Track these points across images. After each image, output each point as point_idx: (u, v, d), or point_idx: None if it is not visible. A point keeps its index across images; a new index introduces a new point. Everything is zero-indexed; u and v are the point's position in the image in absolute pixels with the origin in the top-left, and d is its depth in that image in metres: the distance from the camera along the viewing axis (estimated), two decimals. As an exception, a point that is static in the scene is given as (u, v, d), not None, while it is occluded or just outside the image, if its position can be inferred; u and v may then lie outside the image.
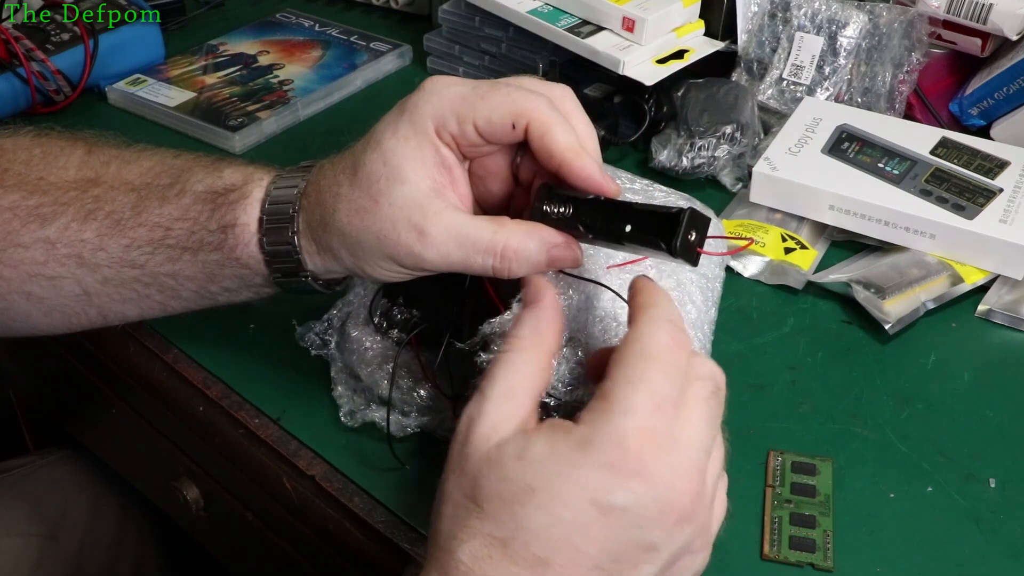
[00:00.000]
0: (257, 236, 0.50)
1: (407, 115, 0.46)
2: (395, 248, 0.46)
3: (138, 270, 0.53)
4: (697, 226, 0.42)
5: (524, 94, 0.45)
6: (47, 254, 0.53)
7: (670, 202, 0.59)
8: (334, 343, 0.56)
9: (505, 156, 0.48)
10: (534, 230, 0.45)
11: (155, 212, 0.52)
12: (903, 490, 0.53)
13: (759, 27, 0.81)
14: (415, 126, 0.45)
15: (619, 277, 0.52)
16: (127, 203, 0.53)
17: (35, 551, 0.81)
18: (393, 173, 0.45)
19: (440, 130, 0.45)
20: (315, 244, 0.49)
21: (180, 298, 0.54)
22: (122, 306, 0.55)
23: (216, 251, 0.51)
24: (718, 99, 0.76)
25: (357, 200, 0.46)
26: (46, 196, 0.54)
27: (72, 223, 0.53)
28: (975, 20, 0.75)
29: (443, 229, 0.45)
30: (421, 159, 0.45)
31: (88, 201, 0.53)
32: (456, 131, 0.45)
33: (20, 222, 0.53)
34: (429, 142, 0.45)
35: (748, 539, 0.50)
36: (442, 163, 0.46)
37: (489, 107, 0.45)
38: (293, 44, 0.97)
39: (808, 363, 0.61)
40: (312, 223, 0.49)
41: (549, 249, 0.45)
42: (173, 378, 0.62)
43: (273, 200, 0.50)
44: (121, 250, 0.53)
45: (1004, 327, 0.64)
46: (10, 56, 0.82)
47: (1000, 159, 0.70)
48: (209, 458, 0.64)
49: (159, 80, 0.90)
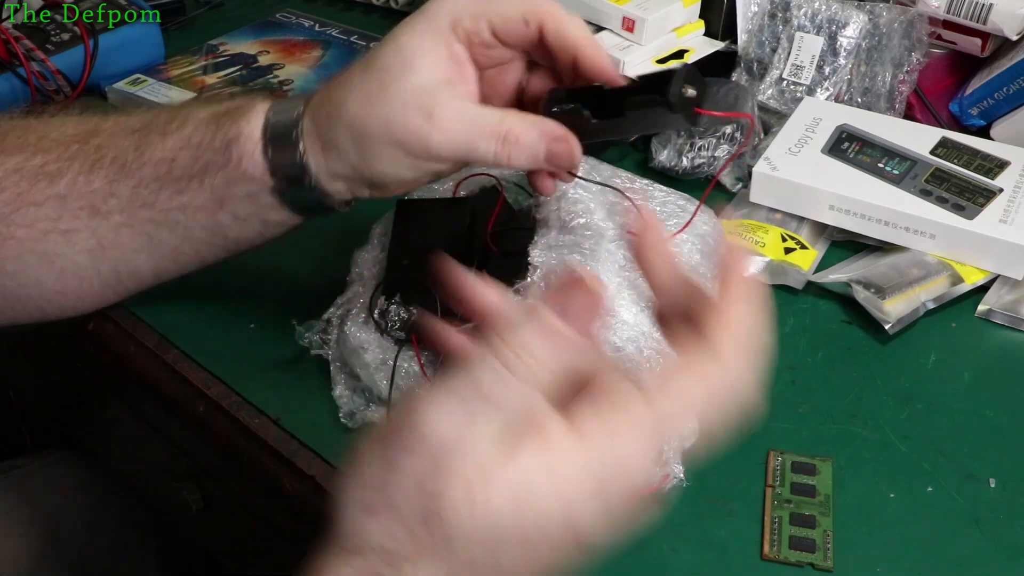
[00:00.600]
0: (261, 144, 0.51)
1: (424, 12, 0.48)
2: (403, 131, 0.47)
3: (148, 209, 0.53)
4: (695, 82, 0.42)
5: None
6: (60, 209, 0.54)
7: (670, 201, 0.59)
8: (334, 342, 0.56)
9: (513, 74, 0.51)
10: (538, 121, 0.47)
11: (158, 148, 0.53)
12: (903, 490, 0.53)
13: (759, 27, 0.81)
14: (431, 21, 0.48)
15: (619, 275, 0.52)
16: (129, 146, 0.54)
17: (35, 551, 0.81)
18: (406, 62, 0.47)
19: (455, 26, 0.47)
20: (319, 141, 0.50)
21: (192, 239, 0.54)
22: (135, 257, 0.55)
23: (221, 170, 0.51)
24: (718, 99, 0.76)
25: (367, 88, 0.48)
26: (49, 154, 0.54)
27: (80, 176, 0.54)
28: (975, 20, 0.75)
29: (452, 111, 0.46)
30: (435, 51, 0.47)
31: (91, 151, 0.54)
32: (471, 27, 0.47)
33: (28, 182, 0.54)
34: (443, 37, 0.48)
35: (748, 539, 0.50)
36: (454, 58, 0.48)
37: (504, 4, 0.47)
38: (293, 44, 0.97)
39: (808, 363, 0.61)
40: (318, 121, 0.50)
41: (549, 141, 0.47)
42: (173, 378, 0.61)
43: (277, 110, 0.51)
44: (130, 192, 0.53)
45: (1004, 327, 0.64)
46: (10, 56, 0.82)
47: (1000, 159, 0.70)
48: (209, 458, 0.64)
49: (159, 80, 0.90)
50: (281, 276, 0.66)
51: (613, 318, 0.50)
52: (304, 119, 0.50)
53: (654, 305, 0.41)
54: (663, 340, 0.40)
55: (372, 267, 0.58)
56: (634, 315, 0.51)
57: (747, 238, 0.68)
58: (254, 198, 0.52)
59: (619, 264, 0.53)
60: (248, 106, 0.52)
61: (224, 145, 0.51)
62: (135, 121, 0.55)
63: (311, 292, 0.64)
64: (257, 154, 0.51)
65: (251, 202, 0.52)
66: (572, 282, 0.37)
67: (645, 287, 0.44)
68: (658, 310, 0.41)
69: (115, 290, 0.58)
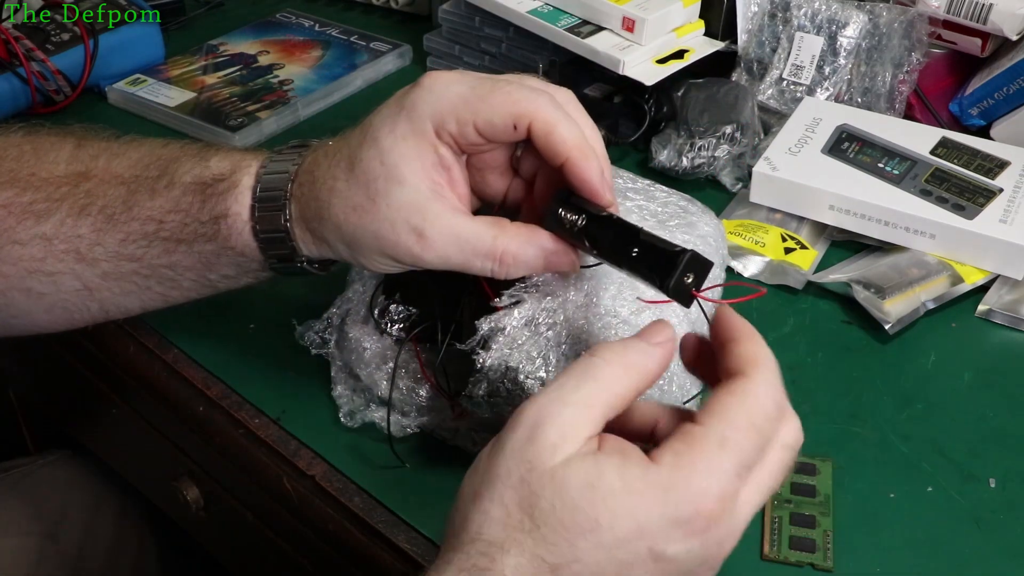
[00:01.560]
0: (250, 224, 0.50)
1: (405, 113, 0.45)
2: (394, 249, 0.45)
3: (136, 263, 0.53)
4: (696, 269, 0.42)
5: (526, 93, 0.44)
6: (45, 250, 0.53)
7: (671, 202, 0.59)
8: (333, 342, 0.56)
9: (504, 151, 0.48)
10: (534, 236, 0.45)
11: (146, 205, 0.52)
12: (903, 490, 0.53)
13: (759, 27, 0.81)
14: (413, 125, 0.45)
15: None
16: (118, 197, 0.53)
17: (35, 551, 0.81)
18: (391, 173, 0.45)
19: (439, 130, 0.45)
20: (310, 234, 0.49)
21: (180, 288, 0.54)
22: (123, 299, 0.55)
23: (211, 241, 0.51)
24: (718, 99, 0.76)
25: (353, 198, 0.46)
26: (39, 192, 0.54)
27: (67, 219, 0.53)
28: (975, 20, 0.75)
29: (443, 232, 0.45)
30: (420, 159, 0.45)
31: (80, 196, 0.53)
32: (455, 132, 0.45)
33: (15, 219, 0.53)
34: (428, 142, 0.45)
35: (748, 539, 0.50)
36: (441, 163, 0.45)
37: (490, 108, 0.44)
38: (293, 44, 0.97)
39: (808, 363, 0.61)
40: (306, 215, 0.48)
41: (547, 256, 0.46)
42: (173, 378, 0.62)
43: (264, 187, 0.50)
44: (117, 244, 0.52)
45: (1004, 327, 0.64)
46: (10, 56, 0.82)
47: (1000, 159, 0.70)
48: (209, 458, 0.64)
49: (159, 80, 0.90)
50: (281, 276, 0.66)
51: (614, 318, 0.50)
52: (291, 205, 0.49)
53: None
54: None
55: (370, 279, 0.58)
56: (635, 315, 0.51)
57: (747, 238, 0.68)
58: (244, 266, 0.52)
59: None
60: (234, 179, 0.50)
61: (212, 219, 0.50)
62: (125, 169, 0.54)
63: (311, 292, 0.64)
64: (247, 234, 0.50)
65: (241, 268, 0.52)
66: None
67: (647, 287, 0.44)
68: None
69: (106, 319, 0.58)
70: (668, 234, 0.55)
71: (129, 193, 0.53)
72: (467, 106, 0.44)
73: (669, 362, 0.41)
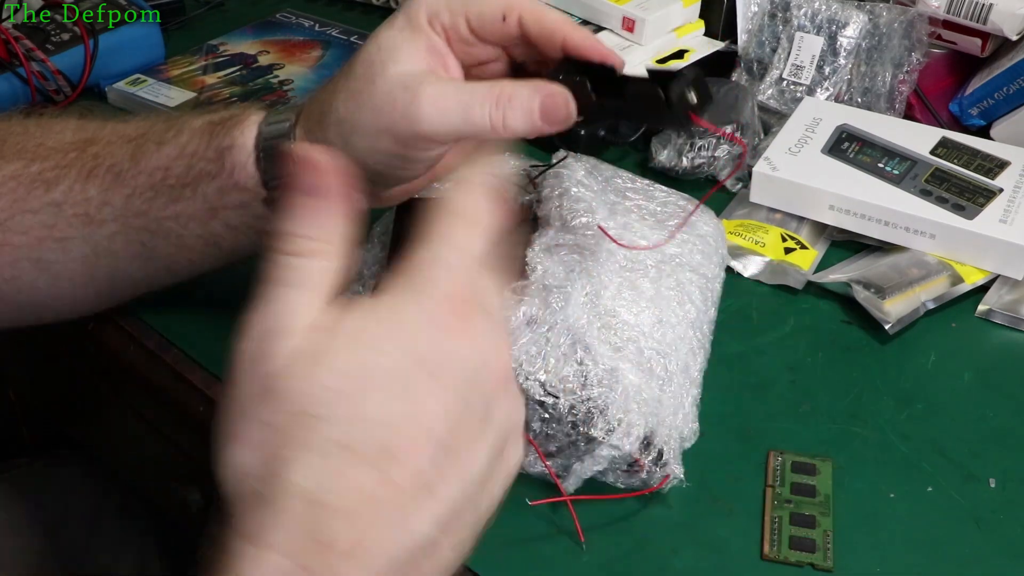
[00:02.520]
0: (254, 155, 0.51)
1: (402, 9, 0.49)
2: (391, 115, 0.47)
3: (142, 218, 0.53)
4: (700, 90, 0.43)
5: None
6: (56, 216, 0.54)
7: (671, 201, 0.59)
8: None
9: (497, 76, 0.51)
10: (530, 81, 0.47)
11: (153, 156, 0.53)
12: (903, 490, 0.53)
13: (759, 27, 0.81)
14: (409, 17, 0.49)
15: (620, 275, 0.52)
16: (125, 154, 0.54)
17: (35, 551, 0.81)
18: (387, 56, 0.48)
19: (432, 21, 0.48)
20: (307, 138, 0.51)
21: (186, 247, 0.54)
22: (129, 266, 0.55)
23: (215, 179, 0.52)
24: (718, 99, 0.76)
25: (353, 86, 0.48)
26: (47, 161, 0.54)
27: (76, 184, 0.54)
28: (975, 20, 0.75)
29: (439, 87, 0.47)
30: (414, 43, 0.48)
31: (88, 160, 0.54)
32: (448, 22, 0.48)
33: (25, 189, 0.54)
34: (422, 31, 0.48)
35: (748, 539, 0.50)
36: (435, 50, 0.49)
37: (480, 1, 0.48)
38: (293, 44, 0.97)
39: (808, 363, 0.61)
40: (310, 127, 0.50)
41: (543, 96, 0.46)
42: (173, 378, 0.61)
43: (270, 121, 0.52)
44: (124, 200, 0.53)
45: (1004, 327, 0.64)
46: (10, 56, 0.82)
47: (1000, 159, 0.70)
48: (209, 458, 0.64)
49: (159, 80, 0.90)
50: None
51: (613, 318, 0.50)
52: (296, 128, 0.51)
53: None
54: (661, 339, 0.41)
55: (373, 266, 0.58)
56: (635, 315, 0.51)
57: (747, 238, 0.69)
58: (247, 208, 0.52)
59: (620, 264, 0.53)
60: (242, 116, 0.52)
61: (217, 154, 0.51)
62: (132, 129, 0.55)
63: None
64: (250, 165, 0.51)
65: (244, 212, 0.53)
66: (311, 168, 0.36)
67: (646, 287, 0.44)
68: None
69: (110, 296, 0.58)
70: (663, 232, 0.55)
71: (136, 148, 0.54)
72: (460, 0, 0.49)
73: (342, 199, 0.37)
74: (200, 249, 0.55)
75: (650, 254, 0.53)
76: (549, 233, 0.52)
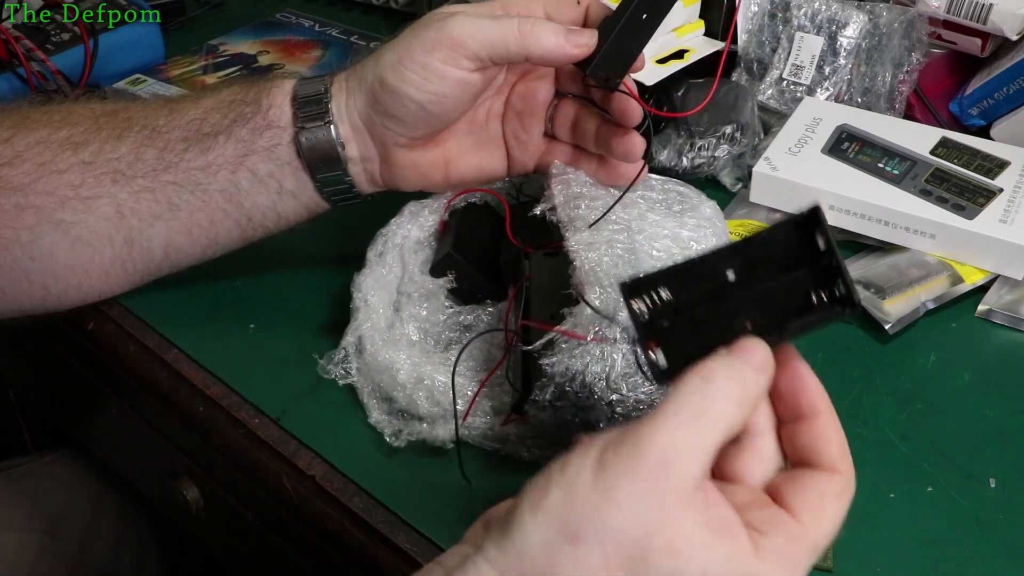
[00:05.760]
0: (291, 95, 0.55)
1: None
2: (425, 40, 0.52)
3: (172, 171, 0.55)
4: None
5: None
6: (83, 175, 0.55)
7: (668, 190, 0.59)
8: (355, 369, 0.56)
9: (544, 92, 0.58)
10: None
11: (190, 111, 0.56)
12: (903, 490, 0.53)
13: (759, 27, 0.81)
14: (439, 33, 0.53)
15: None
16: (162, 113, 0.56)
17: (35, 548, 0.81)
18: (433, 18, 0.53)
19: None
20: (345, 91, 0.55)
21: (209, 206, 0.56)
22: (150, 227, 0.56)
23: (250, 120, 0.55)
24: (718, 99, 0.76)
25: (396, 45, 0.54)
26: (77, 127, 0.56)
27: (107, 144, 0.55)
28: (975, 20, 0.75)
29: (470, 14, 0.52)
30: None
31: (120, 123, 0.56)
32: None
33: (52, 152, 0.55)
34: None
35: (748, 539, 0.50)
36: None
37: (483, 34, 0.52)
38: (293, 44, 0.97)
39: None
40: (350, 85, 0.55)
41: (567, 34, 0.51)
42: (173, 378, 0.62)
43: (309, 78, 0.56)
44: (156, 155, 0.55)
45: (1004, 327, 0.64)
46: (10, 56, 0.82)
47: (1000, 159, 0.70)
48: (209, 458, 0.64)
49: (159, 80, 0.90)
50: (281, 276, 0.67)
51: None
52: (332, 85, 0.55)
53: None
54: None
55: (375, 291, 0.57)
56: None
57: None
58: (273, 153, 0.55)
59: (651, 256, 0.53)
60: (284, 75, 0.57)
61: (256, 97, 0.55)
62: (169, 97, 0.58)
63: (311, 292, 0.64)
64: (286, 105, 0.55)
65: (270, 157, 0.55)
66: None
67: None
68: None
69: (124, 267, 0.58)
70: (674, 219, 0.55)
71: (174, 106, 0.57)
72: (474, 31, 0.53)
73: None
74: (221, 206, 0.56)
75: (672, 244, 0.53)
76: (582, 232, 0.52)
